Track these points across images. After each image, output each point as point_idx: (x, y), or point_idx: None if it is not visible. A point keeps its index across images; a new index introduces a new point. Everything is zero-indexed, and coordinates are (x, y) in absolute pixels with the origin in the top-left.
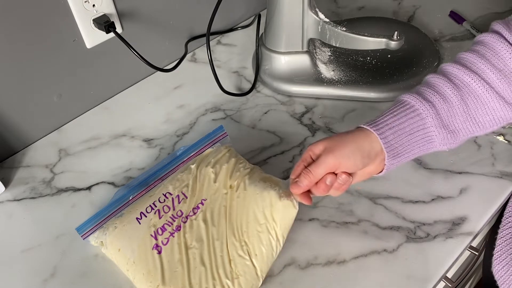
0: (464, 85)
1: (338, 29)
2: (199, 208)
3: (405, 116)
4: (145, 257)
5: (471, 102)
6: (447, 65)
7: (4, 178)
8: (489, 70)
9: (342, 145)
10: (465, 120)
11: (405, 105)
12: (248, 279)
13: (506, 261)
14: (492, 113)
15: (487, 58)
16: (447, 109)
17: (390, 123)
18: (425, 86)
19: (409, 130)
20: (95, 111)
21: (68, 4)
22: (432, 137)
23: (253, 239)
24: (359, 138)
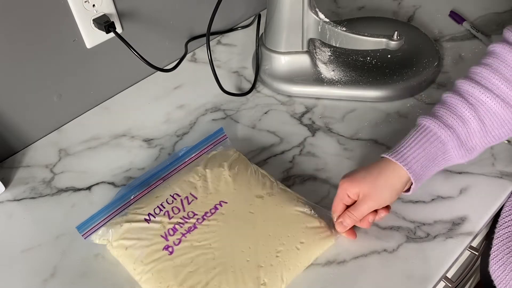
0: (480, 103)
1: (338, 29)
2: (217, 209)
3: (429, 144)
4: (155, 257)
5: (488, 120)
6: (462, 82)
7: (4, 178)
8: (503, 85)
9: (378, 190)
10: (482, 137)
11: (427, 132)
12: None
13: (502, 260)
14: (507, 126)
15: (500, 71)
16: (466, 131)
17: (415, 155)
18: (444, 109)
19: (432, 157)
20: (95, 111)
21: (68, 4)
22: (451, 156)
23: (291, 254)
24: (390, 177)
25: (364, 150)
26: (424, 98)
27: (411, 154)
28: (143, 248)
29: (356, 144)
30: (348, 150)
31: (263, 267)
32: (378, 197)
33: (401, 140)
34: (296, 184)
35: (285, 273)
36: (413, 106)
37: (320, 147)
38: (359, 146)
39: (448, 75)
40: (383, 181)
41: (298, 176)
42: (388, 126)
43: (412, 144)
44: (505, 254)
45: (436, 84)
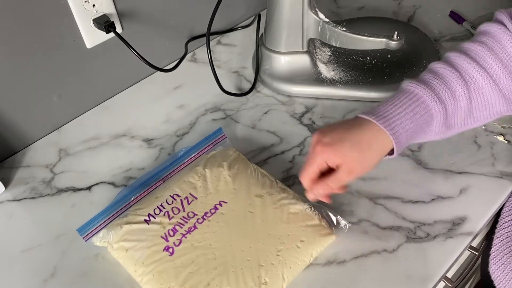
0: (473, 81)
1: (338, 29)
2: (217, 209)
3: (419, 116)
4: (156, 258)
5: (475, 99)
6: (456, 56)
7: (4, 178)
8: (497, 65)
9: (365, 164)
10: (465, 116)
11: (419, 102)
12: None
13: (502, 260)
14: (490, 108)
15: (495, 52)
16: (454, 107)
17: (404, 125)
18: (437, 79)
19: (417, 129)
20: (95, 111)
21: (68, 4)
22: (431, 131)
23: (291, 252)
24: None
25: None
26: None
27: (400, 123)
28: (143, 249)
29: None
30: None
31: (264, 266)
32: (363, 170)
33: (389, 105)
34: (296, 184)
35: (286, 272)
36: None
37: None
38: None
39: None
40: (371, 154)
41: (298, 176)
42: None
43: (402, 113)
44: (505, 254)
45: None
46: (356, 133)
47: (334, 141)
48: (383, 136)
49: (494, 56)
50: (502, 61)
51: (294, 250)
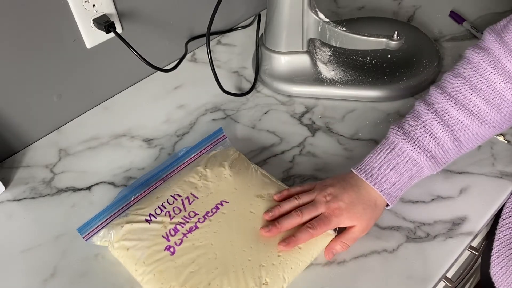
0: (456, 122)
1: (338, 29)
2: (218, 209)
3: (403, 168)
4: (157, 258)
5: (463, 137)
6: (438, 95)
7: (4, 178)
8: (480, 102)
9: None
10: (456, 153)
11: (404, 156)
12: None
13: (504, 262)
14: (479, 138)
15: (477, 87)
16: (442, 151)
17: (393, 181)
18: (419, 127)
19: (407, 181)
20: (95, 111)
21: (68, 4)
22: (425, 174)
23: (292, 253)
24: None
25: (364, 150)
26: None
27: (387, 179)
28: (144, 249)
29: (356, 144)
30: (348, 150)
31: (264, 266)
32: (372, 225)
33: (376, 160)
34: (296, 184)
35: (287, 272)
36: (413, 106)
37: (320, 147)
38: (359, 146)
39: None
40: (378, 211)
41: (298, 176)
42: (388, 126)
43: (388, 169)
44: (506, 256)
45: None
46: (363, 196)
47: (348, 206)
48: (379, 197)
49: (476, 93)
50: (485, 96)
51: (295, 251)
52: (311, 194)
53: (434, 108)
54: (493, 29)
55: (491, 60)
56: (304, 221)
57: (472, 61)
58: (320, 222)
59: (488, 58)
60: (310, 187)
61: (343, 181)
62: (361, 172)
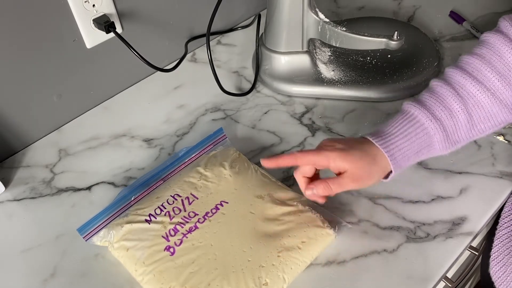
0: (470, 96)
1: (338, 29)
2: (218, 209)
3: (414, 136)
4: (157, 258)
5: (475, 113)
6: (453, 71)
7: (4, 178)
8: (494, 78)
9: (370, 177)
10: (468, 130)
11: (414, 122)
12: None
13: (503, 262)
14: (493, 119)
15: (492, 64)
16: (453, 124)
17: (399, 144)
18: (433, 98)
19: (416, 150)
20: (95, 111)
21: (68, 4)
22: (435, 149)
23: (292, 253)
24: (379, 159)
25: None
26: None
27: (395, 143)
28: (144, 249)
29: None
30: None
31: (264, 267)
32: (366, 182)
33: (388, 126)
34: (296, 184)
35: (287, 273)
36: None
37: None
38: None
39: None
40: (376, 168)
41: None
42: None
43: (398, 133)
44: (506, 255)
45: None
46: (364, 147)
47: (346, 148)
48: (383, 157)
49: (491, 69)
50: (500, 72)
51: (295, 251)
52: None
53: (448, 81)
54: (509, 17)
55: (506, 40)
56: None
57: (488, 41)
58: (309, 150)
59: (503, 37)
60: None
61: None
62: (369, 134)
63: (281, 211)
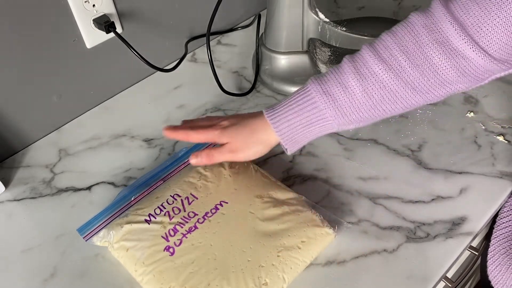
0: (371, 74)
1: (338, 29)
2: (218, 209)
3: (303, 109)
4: (156, 258)
5: (376, 93)
6: (364, 47)
7: (4, 178)
8: (402, 57)
9: (248, 147)
10: (370, 109)
11: (306, 95)
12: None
13: (499, 261)
14: (401, 102)
15: (403, 43)
16: (348, 101)
17: (287, 116)
18: (333, 73)
19: (305, 122)
20: (95, 111)
21: (68, 4)
22: (331, 124)
23: (292, 253)
24: (259, 132)
25: (364, 150)
26: None
27: (284, 115)
28: (144, 249)
29: (356, 144)
30: (348, 150)
31: (264, 267)
32: (246, 154)
33: (285, 99)
34: (296, 184)
35: (287, 272)
36: None
37: (320, 147)
38: (359, 146)
39: None
40: (254, 141)
41: (298, 176)
42: (388, 126)
43: (289, 107)
44: (501, 255)
45: None
46: (247, 121)
47: (230, 124)
48: (267, 126)
49: (400, 48)
50: (409, 52)
51: (294, 251)
52: None
53: (354, 58)
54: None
55: (428, 20)
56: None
57: (409, 20)
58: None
59: (425, 17)
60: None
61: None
62: (265, 111)
63: (281, 211)
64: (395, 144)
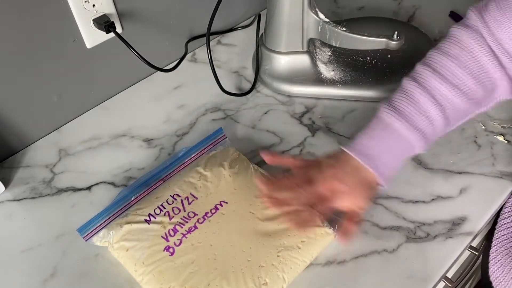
0: (446, 100)
1: (338, 29)
2: (218, 209)
3: (397, 148)
4: (156, 258)
5: (451, 115)
6: (427, 73)
7: (4, 178)
8: (469, 80)
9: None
10: (443, 130)
11: (397, 135)
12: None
13: (501, 262)
14: (467, 115)
15: (467, 66)
16: (432, 129)
17: (386, 161)
18: (412, 106)
19: (400, 158)
20: (95, 111)
21: (68, 4)
22: (415, 152)
23: (292, 253)
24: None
25: None
26: None
27: (382, 160)
28: (144, 249)
29: None
30: None
31: (264, 266)
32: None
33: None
34: None
35: (287, 272)
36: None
37: (320, 147)
38: None
39: None
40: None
41: None
42: None
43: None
44: (504, 256)
45: None
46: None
47: (350, 189)
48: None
49: (467, 72)
50: (474, 74)
51: (294, 251)
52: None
53: (425, 86)
54: (476, 8)
55: (478, 38)
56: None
57: (460, 39)
58: (325, 208)
59: (473, 34)
60: (304, 163)
61: (342, 163)
62: (355, 152)
63: None
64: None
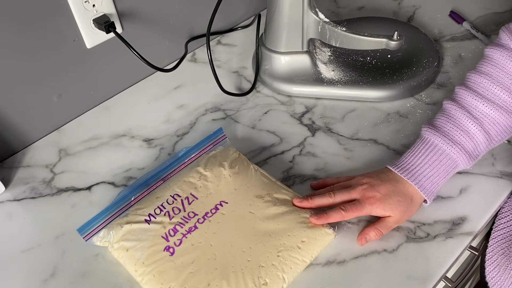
0: (484, 116)
1: (338, 29)
2: (218, 209)
3: (439, 163)
4: (156, 258)
5: (492, 131)
6: (463, 92)
7: (4, 178)
8: (504, 94)
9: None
10: (487, 146)
11: (436, 150)
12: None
13: (497, 262)
14: (507, 130)
15: (500, 81)
16: (473, 144)
17: (430, 177)
18: (450, 123)
19: (443, 174)
20: (95, 111)
21: (68, 4)
22: (460, 167)
23: (292, 253)
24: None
25: (364, 150)
26: (424, 98)
27: (424, 175)
28: (144, 249)
29: (356, 144)
30: (348, 150)
31: (264, 266)
32: (407, 217)
33: (413, 157)
34: (296, 184)
35: (287, 272)
36: (413, 106)
37: (320, 147)
38: (359, 146)
39: (448, 75)
40: (414, 206)
41: (298, 176)
42: (388, 126)
43: (425, 165)
44: (500, 256)
45: (436, 84)
46: (399, 189)
47: (383, 196)
48: (417, 191)
49: (499, 86)
50: (508, 87)
51: (294, 251)
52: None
53: (462, 104)
54: (507, 28)
55: (509, 54)
56: (335, 203)
57: (492, 58)
58: (353, 206)
59: (507, 53)
60: (346, 179)
61: (381, 174)
62: (397, 168)
63: (281, 210)
64: (395, 144)
